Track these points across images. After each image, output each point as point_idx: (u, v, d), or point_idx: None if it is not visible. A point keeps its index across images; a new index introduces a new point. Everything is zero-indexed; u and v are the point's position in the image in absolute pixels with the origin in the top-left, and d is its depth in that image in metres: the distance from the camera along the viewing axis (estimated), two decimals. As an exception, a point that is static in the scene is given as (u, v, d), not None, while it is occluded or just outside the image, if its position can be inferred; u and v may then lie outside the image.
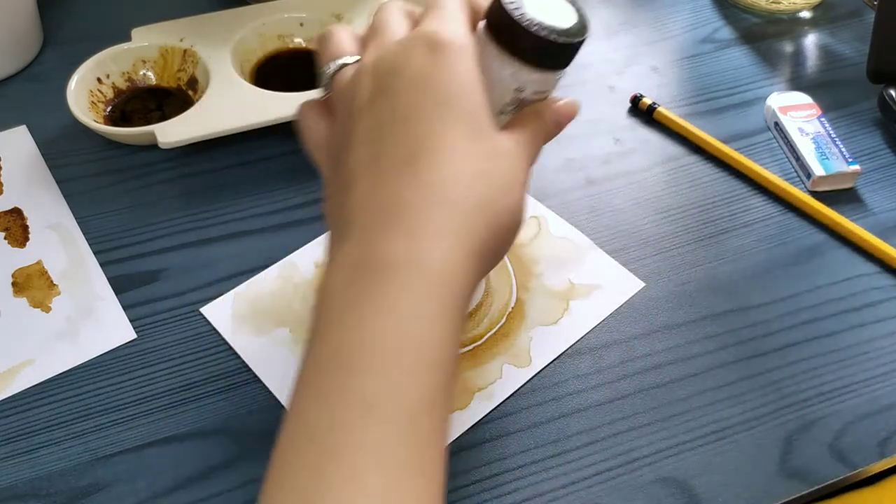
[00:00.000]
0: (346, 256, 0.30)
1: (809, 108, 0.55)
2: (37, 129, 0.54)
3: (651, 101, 0.56)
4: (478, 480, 0.39)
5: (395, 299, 0.29)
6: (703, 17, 0.65)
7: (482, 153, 0.32)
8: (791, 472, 0.39)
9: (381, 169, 0.31)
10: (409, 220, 0.30)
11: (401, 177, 0.31)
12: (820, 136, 0.53)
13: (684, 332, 0.45)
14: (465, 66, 0.32)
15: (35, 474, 0.39)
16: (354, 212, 0.31)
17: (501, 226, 0.32)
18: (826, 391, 0.42)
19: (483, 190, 0.31)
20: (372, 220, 0.31)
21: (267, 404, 0.42)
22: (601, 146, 0.55)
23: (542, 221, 0.50)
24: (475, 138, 0.32)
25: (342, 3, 0.58)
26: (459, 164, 0.31)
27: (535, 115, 0.35)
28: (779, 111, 0.55)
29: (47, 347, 0.44)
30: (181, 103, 0.54)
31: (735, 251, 0.49)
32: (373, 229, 0.30)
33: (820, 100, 0.56)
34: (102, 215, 0.50)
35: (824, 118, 0.54)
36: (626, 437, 0.41)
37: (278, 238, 0.49)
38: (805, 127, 0.53)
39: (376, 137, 0.32)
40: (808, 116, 0.54)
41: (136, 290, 0.46)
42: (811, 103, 0.55)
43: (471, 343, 0.44)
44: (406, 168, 0.31)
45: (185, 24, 0.57)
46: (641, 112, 0.57)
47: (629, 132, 0.56)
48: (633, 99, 0.57)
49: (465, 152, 0.31)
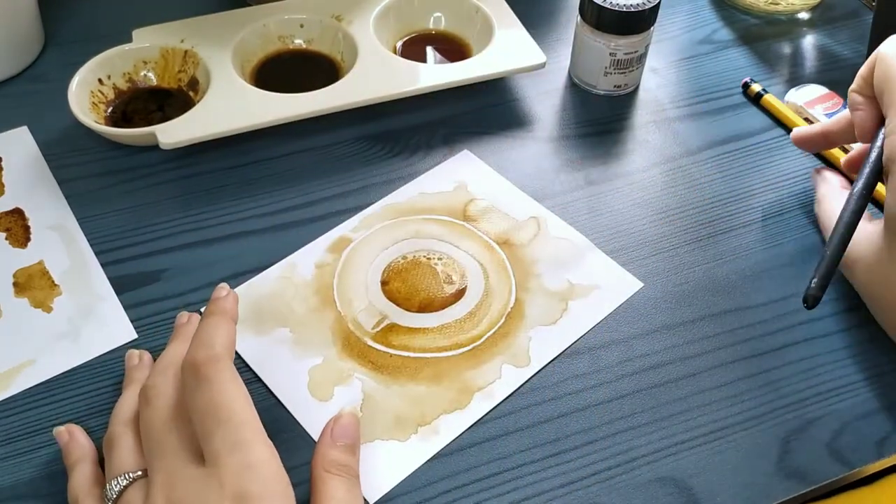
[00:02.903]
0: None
1: (831, 97, 0.55)
2: (38, 130, 0.55)
3: (760, 88, 0.57)
4: (477, 480, 0.39)
5: None
6: (702, 18, 0.65)
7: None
8: (789, 472, 0.40)
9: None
10: None
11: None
12: None
13: (683, 332, 0.45)
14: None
15: (36, 474, 0.39)
16: None
17: None
18: (824, 391, 0.43)
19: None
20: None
21: (267, 404, 0.42)
22: (600, 147, 0.55)
23: (541, 222, 0.50)
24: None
25: (342, 4, 0.58)
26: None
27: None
28: (805, 106, 0.55)
29: (48, 347, 0.44)
30: (182, 104, 0.55)
31: (733, 251, 0.49)
32: None
33: (818, 101, 0.56)
34: (103, 216, 0.50)
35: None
36: (624, 437, 0.41)
37: (278, 238, 0.49)
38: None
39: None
40: (833, 106, 0.55)
41: (137, 291, 0.46)
42: (830, 93, 0.56)
43: (470, 343, 0.44)
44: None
45: (186, 25, 0.57)
46: (750, 97, 0.58)
47: (628, 132, 0.56)
48: (743, 84, 0.58)
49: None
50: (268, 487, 0.32)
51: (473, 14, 0.59)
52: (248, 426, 0.34)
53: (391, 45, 0.59)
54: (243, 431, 0.33)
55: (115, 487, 0.35)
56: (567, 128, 0.56)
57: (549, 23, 0.64)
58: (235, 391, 0.35)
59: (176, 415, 0.35)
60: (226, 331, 0.37)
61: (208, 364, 0.35)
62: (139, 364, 0.42)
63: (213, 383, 0.34)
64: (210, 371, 0.35)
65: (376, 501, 0.38)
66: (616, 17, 0.53)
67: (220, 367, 0.35)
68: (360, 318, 0.45)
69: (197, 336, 0.37)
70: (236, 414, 0.34)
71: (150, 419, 0.36)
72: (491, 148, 0.54)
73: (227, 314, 0.38)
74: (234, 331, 0.38)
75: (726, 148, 0.55)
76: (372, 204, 0.51)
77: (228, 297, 0.39)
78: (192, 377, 0.35)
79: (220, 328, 0.37)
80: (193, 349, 0.36)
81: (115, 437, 0.37)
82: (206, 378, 0.34)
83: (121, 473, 0.35)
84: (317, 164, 0.53)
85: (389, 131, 0.55)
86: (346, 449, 0.38)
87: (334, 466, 0.36)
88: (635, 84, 0.58)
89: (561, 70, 0.60)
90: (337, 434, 0.38)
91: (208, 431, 0.33)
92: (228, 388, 0.34)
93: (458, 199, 0.51)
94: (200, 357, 0.35)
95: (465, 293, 0.46)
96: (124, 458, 0.36)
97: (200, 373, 0.35)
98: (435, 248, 0.48)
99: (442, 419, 0.41)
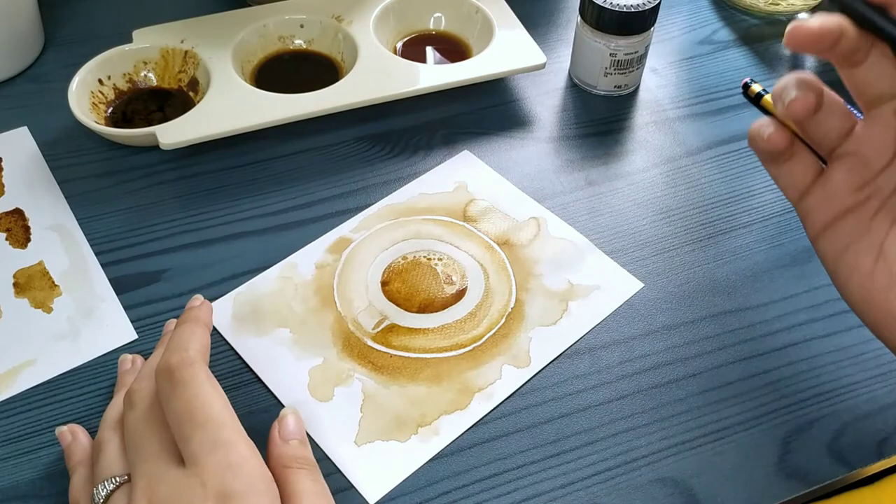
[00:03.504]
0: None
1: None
2: (38, 131, 0.55)
3: (760, 88, 0.57)
4: (477, 480, 0.39)
5: None
6: (702, 18, 0.65)
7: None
8: (789, 472, 0.40)
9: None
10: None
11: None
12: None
13: (683, 333, 0.45)
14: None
15: (36, 474, 0.39)
16: None
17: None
18: (824, 391, 0.43)
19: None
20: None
21: (267, 404, 0.42)
22: (600, 147, 0.55)
23: (541, 222, 0.50)
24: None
25: (342, 4, 0.58)
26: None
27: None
28: None
29: (48, 348, 0.44)
30: (182, 104, 0.55)
31: (733, 252, 0.49)
32: None
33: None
34: (103, 216, 0.50)
35: (849, 107, 0.54)
36: (624, 438, 0.41)
37: (278, 239, 0.49)
38: None
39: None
40: None
41: (137, 291, 0.46)
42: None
43: (471, 343, 0.44)
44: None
45: (186, 26, 0.57)
46: (750, 98, 0.58)
47: (629, 133, 0.56)
48: (743, 85, 0.58)
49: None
50: (251, 485, 0.32)
51: (473, 14, 0.59)
52: (226, 427, 0.34)
53: (391, 45, 0.59)
54: (222, 432, 0.33)
55: (101, 492, 0.34)
56: (567, 128, 0.56)
57: (549, 23, 0.64)
58: (211, 393, 0.34)
59: (157, 418, 0.35)
60: (199, 336, 0.37)
61: (182, 367, 0.35)
62: (131, 368, 0.42)
63: (189, 386, 0.34)
64: (185, 374, 0.34)
65: (376, 502, 0.38)
66: (616, 18, 0.53)
67: (195, 371, 0.35)
68: (361, 318, 0.45)
69: (171, 342, 0.37)
70: (214, 416, 0.34)
71: (132, 423, 0.35)
72: (491, 148, 0.54)
73: (201, 321, 0.39)
74: (208, 337, 0.38)
75: (727, 148, 0.55)
76: (372, 204, 0.51)
77: (203, 306, 0.41)
78: (167, 381, 0.35)
79: (195, 334, 0.37)
80: (167, 354, 0.36)
81: (103, 442, 0.37)
82: (181, 381, 0.34)
83: (107, 478, 0.35)
84: (317, 164, 0.53)
85: (389, 131, 0.55)
86: (299, 445, 0.37)
87: (294, 461, 0.36)
88: (635, 84, 0.58)
89: (561, 70, 0.60)
90: (285, 434, 0.38)
91: (186, 435, 0.33)
92: (204, 390, 0.34)
93: (458, 200, 0.51)
94: (174, 361, 0.35)
95: (465, 294, 0.46)
96: (110, 463, 0.36)
97: (175, 376, 0.34)
98: (435, 249, 0.48)
99: (442, 420, 0.41)
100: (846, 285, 0.38)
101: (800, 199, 0.40)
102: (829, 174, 0.39)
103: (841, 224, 0.38)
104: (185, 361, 0.35)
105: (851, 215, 0.38)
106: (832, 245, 0.39)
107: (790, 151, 0.40)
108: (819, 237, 0.39)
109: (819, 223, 0.39)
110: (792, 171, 0.40)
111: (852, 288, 0.38)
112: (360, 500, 0.38)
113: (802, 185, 0.40)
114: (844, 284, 0.38)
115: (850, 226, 0.38)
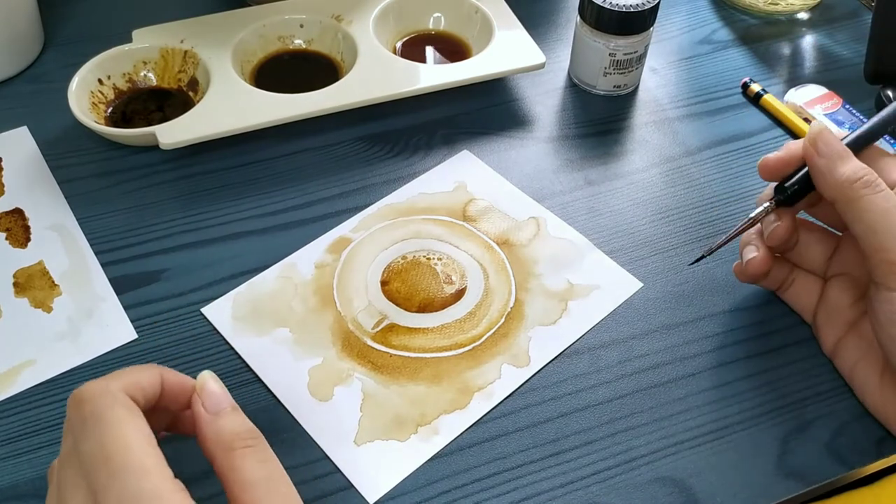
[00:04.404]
0: None
1: (830, 97, 0.55)
2: (38, 130, 0.55)
3: (759, 88, 0.57)
4: (477, 480, 0.39)
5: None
6: (701, 18, 0.65)
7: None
8: (788, 472, 0.40)
9: None
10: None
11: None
12: (856, 125, 0.53)
13: (682, 332, 0.45)
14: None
15: (36, 474, 0.39)
16: None
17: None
18: (823, 391, 0.43)
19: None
20: None
21: (267, 404, 0.42)
22: (600, 147, 0.55)
23: (540, 222, 0.50)
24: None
25: (342, 4, 0.58)
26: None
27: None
28: (805, 106, 0.55)
29: (48, 348, 0.44)
30: (182, 104, 0.55)
31: (733, 251, 0.49)
32: None
33: (818, 101, 0.56)
34: (103, 216, 0.50)
35: (848, 106, 0.55)
36: (624, 437, 0.41)
37: (278, 238, 0.49)
38: (838, 117, 0.54)
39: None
40: (833, 106, 0.55)
41: (137, 291, 0.46)
42: (830, 93, 0.56)
43: (470, 343, 0.44)
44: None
45: (186, 26, 0.57)
46: (749, 98, 0.58)
47: (628, 133, 0.56)
48: (743, 85, 0.58)
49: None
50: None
51: (473, 14, 0.59)
52: (149, 475, 0.28)
53: (391, 45, 0.59)
54: (144, 482, 0.27)
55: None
56: (567, 128, 0.56)
57: (549, 23, 0.64)
58: (131, 433, 0.28)
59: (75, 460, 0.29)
60: (140, 374, 0.31)
61: (95, 399, 0.29)
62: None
63: (100, 423, 0.28)
64: (97, 407, 0.28)
65: (376, 501, 0.38)
66: (616, 18, 0.53)
67: (109, 402, 0.29)
68: (360, 318, 0.45)
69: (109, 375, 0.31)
70: (132, 462, 0.28)
71: (59, 469, 0.30)
72: (491, 148, 0.54)
73: (160, 368, 0.33)
74: (157, 383, 0.32)
75: (726, 148, 0.55)
76: (372, 204, 0.51)
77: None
78: (77, 415, 0.29)
79: (137, 370, 0.31)
80: (87, 383, 0.30)
81: (49, 484, 0.32)
82: (93, 416, 0.28)
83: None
84: (317, 164, 0.53)
85: (389, 131, 0.55)
86: (232, 413, 0.32)
87: (236, 440, 0.30)
88: (635, 84, 0.58)
89: (561, 70, 0.60)
90: (211, 404, 0.32)
91: (102, 484, 0.27)
92: (122, 429, 0.28)
93: (458, 200, 0.51)
94: (87, 391, 0.29)
95: (464, 293, 0.46)
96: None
97: (85, 410, 0.29)
98: (435, 249, 0.48)
99: (442, 419, 0.41)
100: (863, 400, 0.41)
101: (812, 320, 0.43)
102: (827, 293, 0.43)
103: (848, 340, 0.41)
104: (100, 392, 0.29)
105: (855, 331, 0.41)
106: (845, 362, 0.42)
107: (790, 278, 0.44)
108: (833, 355, 0.42)
109: (830, 340, 0.42)
110: (797, 295, 0.44)
111: (868, 402, 0.41)
112: (360, 500, 0.38)
113: (809, 306, 0.43)
114: (862, 399, 0.41)
115: (854, 342, 0.41)
